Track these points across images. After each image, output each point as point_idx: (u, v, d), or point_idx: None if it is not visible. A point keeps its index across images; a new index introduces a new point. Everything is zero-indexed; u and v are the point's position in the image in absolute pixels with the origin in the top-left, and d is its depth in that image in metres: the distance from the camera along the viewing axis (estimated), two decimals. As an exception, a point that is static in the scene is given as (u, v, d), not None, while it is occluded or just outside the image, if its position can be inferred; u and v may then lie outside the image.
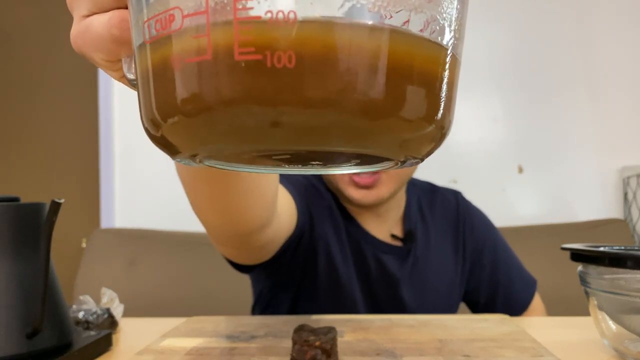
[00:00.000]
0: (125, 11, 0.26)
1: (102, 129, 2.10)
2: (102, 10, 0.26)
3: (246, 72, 0.18)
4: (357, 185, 0.75)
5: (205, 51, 0.19)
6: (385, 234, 0.85)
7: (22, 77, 2.25)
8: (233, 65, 0.19)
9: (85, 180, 2.13)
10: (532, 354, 0.53)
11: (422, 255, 0.85)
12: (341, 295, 0.80)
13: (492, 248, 0.91)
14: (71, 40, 0.28)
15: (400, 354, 0.54)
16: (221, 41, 0.19)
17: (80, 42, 0.27)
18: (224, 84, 0.19)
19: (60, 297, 0.57)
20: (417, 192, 0.91)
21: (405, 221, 0.86)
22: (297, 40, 0.18)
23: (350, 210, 0.84)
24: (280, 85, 0.18)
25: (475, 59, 2.04)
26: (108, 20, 0.26)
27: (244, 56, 0.18)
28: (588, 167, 1.98)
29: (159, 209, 2.06)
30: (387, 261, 0.82)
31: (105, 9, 0.26)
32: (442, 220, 0.90)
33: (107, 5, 0.26)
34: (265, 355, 0.55)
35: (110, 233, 1.85)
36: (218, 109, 0.19)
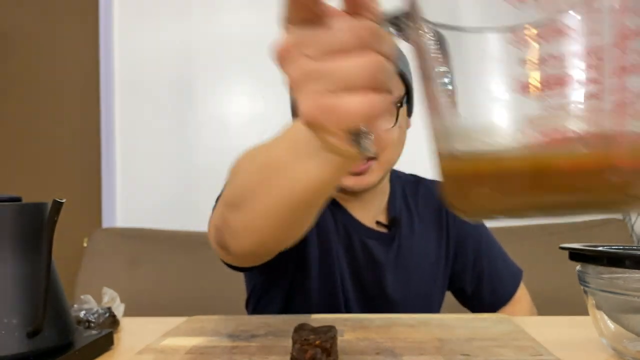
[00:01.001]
0: (379, 94, 0.27)
1: (104, 129, 2.10)
2: (354, 90, 0.27)
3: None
4: (350, 172, 0.77)
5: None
6: (371, 220, 0.87)
7: (24, 77, 2.25)
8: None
9: (87, 180, 2.13)
10: (531, 353, 0.53)
11: (406, 242, 0.87)
12: (333, 283, 0.82)
13: (476, 237, 0.93)
14: (306, 112, 0.28)
15: (399, 353, 0.54)
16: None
17: (323, 117, 0.28)
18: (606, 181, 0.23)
19: (62, 296, 0.57)
20: (402, 182, 0.94)
21: (390, 209, 0.89)
22: None
23: (337, 198, 0.86)
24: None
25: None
26: (364, 102, 0.27)
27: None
28: (586, 167, 1.99)
29: (160, 208, 2.07)
30: (373, 247, 0.84)
31: (357, 89, 0.27)
32: (425, 209, 0.92)
33: (359, 86, 0.27)
34: (266, 354, 0.55)
35: (111, 233, 1.85)
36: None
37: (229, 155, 2.38)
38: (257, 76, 2.09)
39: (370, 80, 0.27)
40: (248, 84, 2.10)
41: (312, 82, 0.28)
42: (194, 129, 2.10)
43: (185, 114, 2.10)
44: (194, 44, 2.11)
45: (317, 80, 0.28)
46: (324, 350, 0.50)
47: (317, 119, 0.28)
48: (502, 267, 0.93)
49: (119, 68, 2.12)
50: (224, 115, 2.10)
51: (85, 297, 0.67)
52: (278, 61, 0.29)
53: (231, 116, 2.09)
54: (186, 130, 2.10)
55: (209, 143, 2.08)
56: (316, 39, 0.28)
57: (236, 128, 2.09)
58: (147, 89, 2.12)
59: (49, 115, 2.23)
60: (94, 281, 1.67)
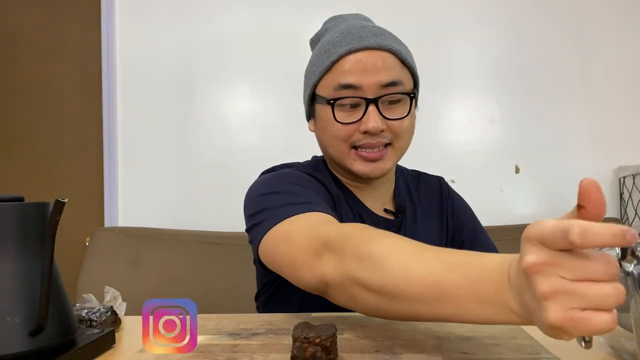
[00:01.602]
0: (615, 314, 0.36)
1: (106, 129, 2.10)
2: (603, 308, 0.36)
3: None
4: (365, 159, 0.81)
5: None
6: (380, 208, 0.91)
7: (28, 78, 2.25)
8: None
9: (89, 180, 2.13)
10: (530, 351, 0.54)
11: (410, 229, 0.91)
12: None
13: (471, 227, 0.99)
14: (555, 320, 0.36)
15: (399, 351, 0.54)
16: None
17: (571, 326, 0.36)
18: None
19: (64, 295, 0.57)
20: (405, 176, 1.00)
21: (396, 198, 0.94)
22: None
23: (350, 187, 0.90)
24: None
25: (472, 60, 2.05)
26: (611, 321, 0.35)
27: None
28: (584, 167, 1.99)
29: (162, 208, 2.07)
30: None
31: (607, 308, 0.35)
32: (427, 199, 0.98)
33: (608, 308, 0.35)
34: (266, 352, 0.55)
35: (113, 232, 1.85)
36: None
37: (229, 154, 2.41)
38: (257, 76, 2.09)
39: (615, 305, 0.36)
40: (248, 84, 2.10)
41: (564, 297, 0.36)
42: (195, 129, 2.10)
43: (187, 114, 2.10)
44: (195, 44, 2.11)
45: (570, 297, 0.36)
46: (324, 349, 0.51)
47: (565, 326, 0.36)
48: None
49: (121, 69, 2.13)
50: (225, 115, 2.10)
51: (87, 296, 0.68)
52: (531, 272, 0.37)
53: (232, 116, 2.10)
54: (187, 130, 2.10)
55: (210, 143, 2.09)
56: (574, 265, 0.36)
57: (237, 128, 2.09)
58: (148, 89, 2.12)
59: (51, 115, 2.23)
60: (96, 280, 1.67)
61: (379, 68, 0.79)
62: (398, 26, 2.18)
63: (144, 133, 2.11)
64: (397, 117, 0.81)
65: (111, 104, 2.10)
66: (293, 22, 2.07)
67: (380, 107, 0.80)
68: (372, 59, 0.79)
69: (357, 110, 0.80)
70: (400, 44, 0.85)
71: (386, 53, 0.80)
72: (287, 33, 2.05)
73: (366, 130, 0.79)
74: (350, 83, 0.79)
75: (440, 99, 2.04)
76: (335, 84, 0.80)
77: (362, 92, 0.79)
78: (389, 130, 0.81)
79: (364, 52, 0.79)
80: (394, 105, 0.81)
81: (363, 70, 0.79)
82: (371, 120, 0.78)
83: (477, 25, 2.06)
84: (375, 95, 0.79)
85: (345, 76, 0.79)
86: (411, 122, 0.84)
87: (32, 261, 0.54)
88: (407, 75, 0.84)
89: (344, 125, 0.80)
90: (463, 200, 1.03)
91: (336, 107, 0.80)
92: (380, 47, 0.80)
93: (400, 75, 0.81)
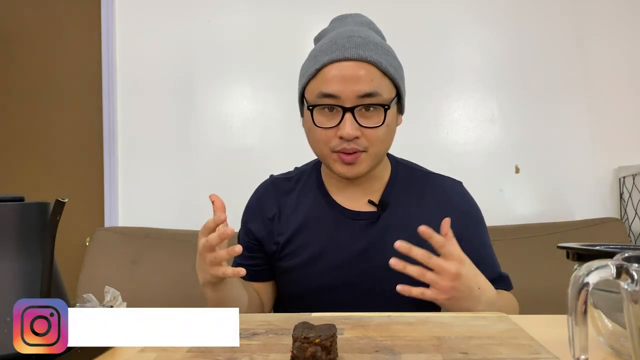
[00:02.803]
0: None
1: (106, 129, 2.11)
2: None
3: None
4: (343, 161, 0.89)
5: None
6: (362, 202, 0.96)
7: (27, 78, 2.25)
8: None
9: (89, 180, 2.13)
10: (529, 351, 0.54)
11: (393, 222, 0.94)
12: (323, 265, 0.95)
13: (469, 241, 0.90)
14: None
15: (399, 351, 0.54)
16: None
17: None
18: None
19: (64, 295, 0.58)
20: (409, 174, 1.02)
21: (385, 192, 0.98)
22: None
23: (328, 182, 1.00)
24: None
25: (472, 60, 2.05)
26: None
27: None
28: (584, 167, 2.00)
29: (162, 208, 2.07)
30: (359, 227, 0.95)
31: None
32: (421, 199, 0.98)
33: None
34: (266, 352, 0.55)
35: (113, 232, 1.86)
36: None
37: (229, 154, 2.41)
38: (257, 76, 2.10)
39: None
40: (248, 84, 2.10)
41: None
42: (195, 129, 2.10)
43: (187, 114, 2.11)
44: (195, 44, 2.11)
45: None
46: (324, 349, 0.51)
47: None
48: (486, 269, 0.89)
49: (121, 69, 2.13)
50: (225, 115, 2.10)
51: (87, 295, 0.68)
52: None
53: (232, 116, 2.10)
54: (187, 130, 2.10)
55: (209, 142, 2.09)
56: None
57: (237, 128, 2.09)
58: (148, 89, 2.12)
59: (51, 115, 2.23)
60: (96, 280, 1.67)
61: (358, 78, 0.85)
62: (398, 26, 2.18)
63: (144, 133, 2.11)
64: (372, 125, 0.87)
65: (111, 104, 2.10)
66: (293, 22, 2.07)
67: (356, 115, 0.86)
68: (353, 70, 0.85)
69: (335, 115, 0.87)
70: (384, 54, 0.89)
71: (366, 64, 0.86)
72: (287, 33, 2.05)
73: (342, 136, 0.86)
74: (330, 93, 0.86)
75: (440, 99, 2.04)
76: (318, 91, 0.87)
77: (341, 101, 0.86)
78: (363, 137, 0.87)
79: (346, 63, 0.86)
80: (370, 113, 0.87)
81: (343, 80, 0.85)
82: (347, 127, 0.85)
83: (477, 25, 2.06)
84: (352, 104, 0.85)
85: (326, 85, 0.86)
86: (387, 130, 0.89)
87: (32, 261, 0.54)
88: (388, 85, 0.89)
89: (323, 129, 0.88)
90: (474, 214, 1.01)
91: (316, 112, 0.88)
92: (361, 59, 0.86)
93: (379, 86, 0.87)
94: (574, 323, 0.42)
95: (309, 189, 1.01)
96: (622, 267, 0.40)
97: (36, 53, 2.27)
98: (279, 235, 0.98)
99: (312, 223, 0.97)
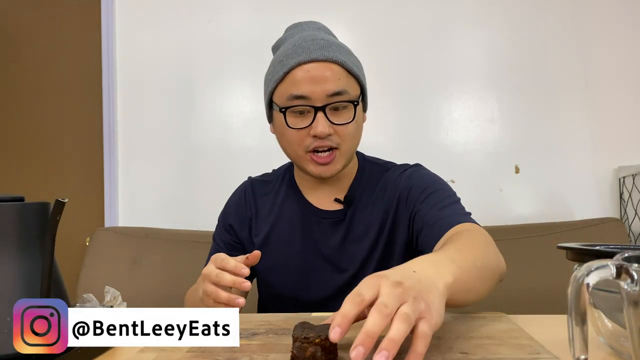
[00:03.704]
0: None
1: (106, 129, 2.10)
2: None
3: None
4: (318, 163, 0.92)
5: None
6: (329, 200, 1.00)
7: (28, 78, 2.25)
8: None
9: (89, 180, 2.13)
10: (529, 351, 0.54)
11: (354, 219, 0.98)
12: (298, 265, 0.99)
13: (424, 213, 0.92)
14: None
15: (398, 350, 0.54)
16: None
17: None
18: None
19: (64, 295, 0.58)
20: (374, 169, 1.04)
21: (350, 189, 1.01)
22: None
23: (300, 182, 1.03)
24: None
25: (472, 60, 2.05)
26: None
27: None
28: (584, 167, 2.00)
29: (162, 208, 2.07)
30: (325, 225, 0.99)
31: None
32: (379, 189, 1.00)
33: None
34: (267, 352, 0.55)
35: (113, 232, 1.85)
36: None
37: (229, 154, 2.41)
38: (257, 76, 2.09)
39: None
40: (248, 84, 2.10)
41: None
42: (195, 129, 2.10)
43: (187, 114, 2.10)
44: (195, 44, 2.11)
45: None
46: (324, 349, 0.51)
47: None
48: (437, 215, 0.90)
49: (121, 69, 2.13)
50: (225, 115, 2.10)
51: (87, 295, 0.68)
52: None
53: (232, 116, 2.10)
54: (187, 130, 2.10)
55: (209, 142, 2.09)
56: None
57: (237, 128, 2.09)
58: (148, 89, 2.12)
59: (51, 115, 2.23)
60: (96, 280, 1.67)
61: (326, 78, 0.89)
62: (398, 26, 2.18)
63: (144, 133, 2.11)
64: (342, 122, 0.90)
65: (111, 104, 2.10)
66: (293, 22, 2.07)
67: (327, 114, 0.89)
68: (320, 71, 0.89)
69: (306, 116, 0.90)
70: (347, 55, 0.93)
71: (332, 64, 0.90)
72: (287, 33, 2.05)
73: (315, 134, 0.89)
74: (301, 94, 0.89)
75: (440, 99, 2.04)
76: (288, 94, 0.90)
77: (311, 101, 0.89)
78: (336, 134, 0.90)
79: (312, 64, 0.89)
80: (339, 111, 0.91)
81: (311, 81, 0.88)
82: (320, 125, 0.88)
83: (477, 25, 2.06)
84: (322, 103, 0.89)
85: (296, 87, 0.89)
86: (356, 127, 0.94)
87: (32, 261, 0.54)
88: (353, 84, 0.93)
89: (296, 130, 0.90)
90: (419, 186, 0.96)
91: (288, 114, 0.91)
92: (327, 59, 0.89)
93: (346, 84, 0.90)
94: (574, 323, 0.42)
95: (283, 190, 1.05)
96: (622, 267, 0.40)
97: (36, 53, 2.27)
98: (256, 237, 1.02)
99: (285, 223, 1.01)
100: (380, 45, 2.04)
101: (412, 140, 2.05)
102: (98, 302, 0.68)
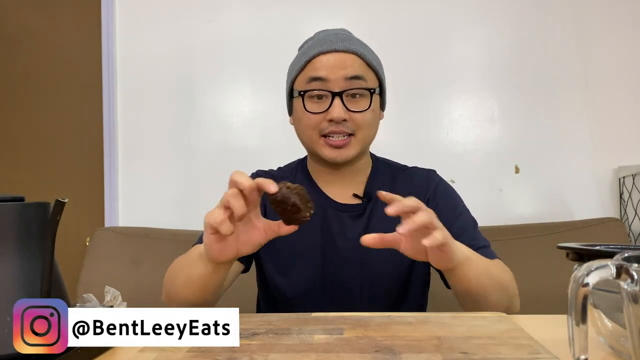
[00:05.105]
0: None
1: (106, 129, 2.10)
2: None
3: None
4: (332, 146, 0.93)
5: None
6: (347, 195, 1.00)
7: (28, 78, 2.25)
8: None
9: (89, 180, 2.13)
10: (529, 351, 0.54)
11: (377, 214, 0.97)
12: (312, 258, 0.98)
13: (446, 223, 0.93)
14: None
15: (399, 351, 0.54)
16: None
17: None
18: None
19: (64, 295, 0.58)
20: (389, 168, 1.06)
21: (368, 185, 1.01)
22: None
23: (315, 176, 1.03)
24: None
25: (472, 60, 2.05)
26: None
27: None
28: (584, 167, 1.99)
29: (162, 208, 2.07)
30: (345, 218, 0.99)
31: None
32: (404, 191, 0.95)
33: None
34: (266, 352, 0.55)
35: (113, 232, 1.85)
36: None
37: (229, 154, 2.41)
38: (257, 76, 2.09)
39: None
40: (248, 84, 2.10)
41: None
42: (195, 129, 2.10)
43: (187, 114, 2.10)
44: (195, 44, 2.11)
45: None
46: (301, 197, 0.65)
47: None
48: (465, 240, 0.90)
49: (121, 69, 2.13)
50: (225, 115, 2.10)
51: (87, 295, 0.68)
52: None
53: (232, 116, 2.10)
54: (187, 129, 2.10)
55: (209, 142, 2.09)
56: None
57: (237, 128, 2.09)
58: (148, 89, 2.12)
59: (52, 115, 2.23)
60: (96, 280, 1.67)
61: (345, 65, 0.92)
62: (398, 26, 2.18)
63: (144, 133, 2.11)
64: (359, 109, 0.92)
65: (111, 104, 2.10)
66: (293, 21, 2.07)
67: (344, 100, 0.92)
68: (340, 59, 0.93)
69: (324, 102, 0.92)
70: (367, 49, 0.98)
71: (352, 55, 0.94)
72: (287, 33, 2.05)
73: (331, 119, 0.91)
74: (319, 76, 0.92)
75: (440, 98, 2.04)
76: (307, 77, 0.93)
77: (329, 85, 0.92)
78: (351, 121, 0.92)
79: (333, 54, 0.93)
80: (356, 99, 0.93)
81: (331, 66, 0.92)
82: (336, 110, 0.90)
83: (477, 25, 2.06)
84: (340, 88, 0.91)
85: (316, 71, 0.92)
86: (373, 116, 0.95)
87: (32, 260, 0.54)
88: (372, 76, 0.96)
89: (313, 114, 0.92)
90: (452, 200, 1.01)
91: (306, 98, 0.93)
92: (347, 50, 0.93)
93: (364, 72, 0.94)
94: (574, 323, 0.42)
95: (297, 181, 1.03)
96: (622, 267, 0.40)
97: (36, 53, 2.26)
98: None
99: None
100: (380, 46, 2.03)
101: (412, 140, 2.05)
102: (98, 302, 0.68)
